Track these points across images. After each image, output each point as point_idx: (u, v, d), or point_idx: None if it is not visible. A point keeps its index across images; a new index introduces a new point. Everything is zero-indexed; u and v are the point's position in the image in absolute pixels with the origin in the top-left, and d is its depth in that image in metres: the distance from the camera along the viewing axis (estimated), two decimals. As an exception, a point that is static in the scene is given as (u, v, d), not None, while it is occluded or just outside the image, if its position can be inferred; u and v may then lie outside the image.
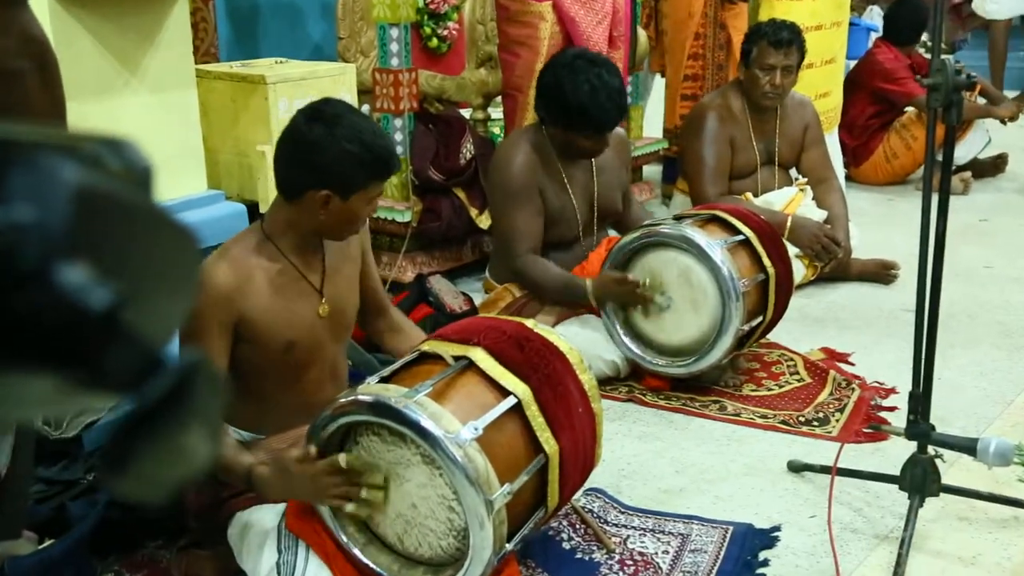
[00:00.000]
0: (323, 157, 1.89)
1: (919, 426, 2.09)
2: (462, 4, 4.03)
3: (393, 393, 1.80)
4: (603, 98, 2.89)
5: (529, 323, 2.09)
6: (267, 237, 2.00)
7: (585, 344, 2.97)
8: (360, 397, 1.81)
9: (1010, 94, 5.98)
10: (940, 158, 5.70)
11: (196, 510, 2.06)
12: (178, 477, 0.58)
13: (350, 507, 1.84)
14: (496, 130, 4.40)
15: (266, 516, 1.92)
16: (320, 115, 1.91)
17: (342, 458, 1.81)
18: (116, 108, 2.78)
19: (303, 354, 2.03)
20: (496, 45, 4.05)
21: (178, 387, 0.53)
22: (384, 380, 1.90)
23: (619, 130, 3.24)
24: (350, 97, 3.39)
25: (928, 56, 6.19)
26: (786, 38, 3.75)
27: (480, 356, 1.93)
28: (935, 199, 2.12)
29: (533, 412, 1.90)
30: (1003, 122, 5.32)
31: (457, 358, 1.93)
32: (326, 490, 1.82)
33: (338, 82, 3.37)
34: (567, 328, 3.03)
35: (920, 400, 2.10)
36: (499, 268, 3.22)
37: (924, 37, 5.30)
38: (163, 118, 2.92)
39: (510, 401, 1.89)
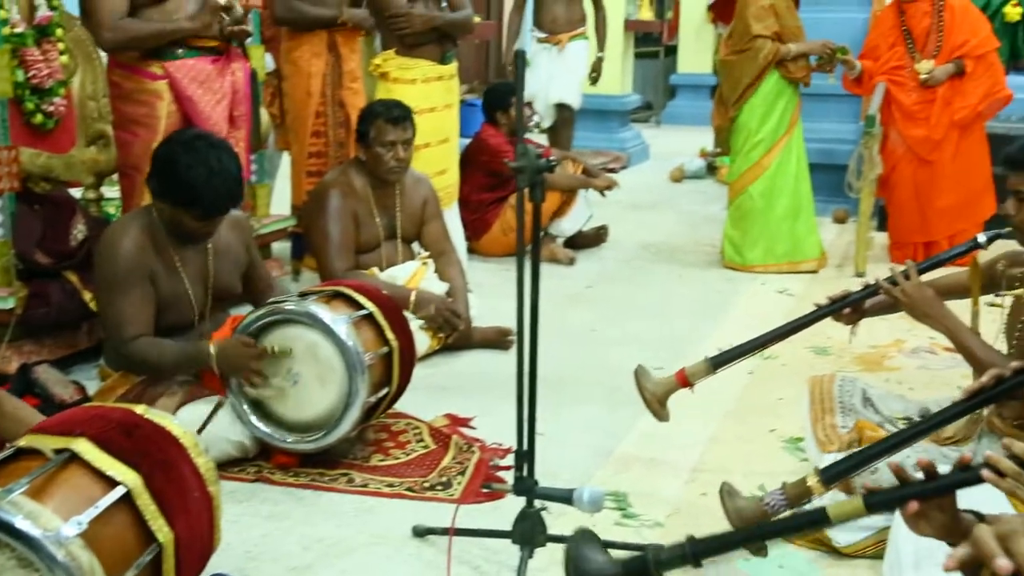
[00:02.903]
0: None
1: (523, 482, 2.26)
2: (70, 79, 3.86)
3: (-18, 495, 1.68)
4: (218, 183, 2.88)
5: (139, 409, 2.03)
6: None
7: (211, 426, 2.93)
8: (-59, 503, 1.67)
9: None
10: (552, 230, 6.15)
11: None
12: None
13: None
14: (112, 210, 4.23)
15: None
16: None
17: None
18: None
19: None
20: (109, 122, 3.91)
21: None
22: (-26, 483, 1.76)
23: (237, 211, 3.24)
24: (-61, 176, 3.13)
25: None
26: (400, 114, 3.99)
27: (84, 447, 1.85)
28: (529, 269, 2.30)
29: (145, 500, 1.85)
30: (602, 193, 5.86)
31: (59, 451, 1.84)
32: None
33: (-76, 159, 3.11)
34: (193, 409, 2.95)
35: (524, 457, 2.27)
36: (115, 354, 3.08)
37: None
38: None
39: (119, 491, 1.82)
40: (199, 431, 2.81)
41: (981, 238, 2.66)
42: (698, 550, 1.61)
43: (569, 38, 7.09)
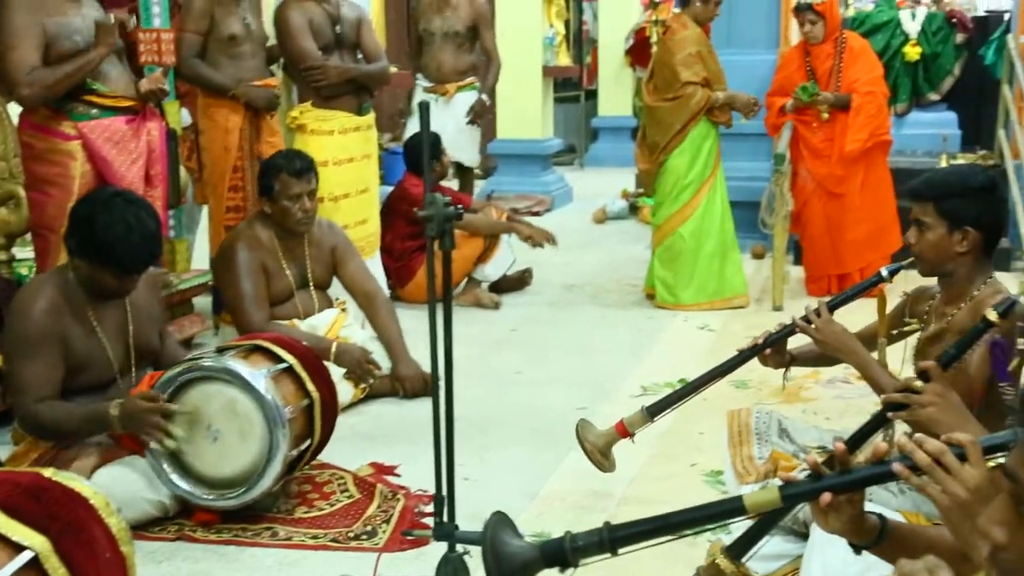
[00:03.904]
0: None
1: (443, 527, 2.27)
2: (-21, 141, 3.81)
3: None
4: (136, 239, 2.87)
5: (47, 472, 2.00)
6: None
7: (129, 485, 2.89)
8: None
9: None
10: (477, 275, 6.15)
11: None
12: None
13: None
14: (24, 271, 4.17)
15: None
16: None
17: None
18: None
19: None
20: (20, 183, 3.86)
21: None
22: None
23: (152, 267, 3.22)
24: None
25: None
26: (302, 166, 3.97)
27: (-10, 514, 1.82)
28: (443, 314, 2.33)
29: (53, 564, 1.81)
30: (532, 244, 5.82)
31: (-37, 519, 1.81)
32: None
33: None
34: (110, 470, 2.91)
35: (443, 502, 2.28)
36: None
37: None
38: None
39: (26, 556, 1.79)
40: None
41: (884, 272, 2.74)
42: (615, 537, 1.63)
43: (456, 88, 6.37)
